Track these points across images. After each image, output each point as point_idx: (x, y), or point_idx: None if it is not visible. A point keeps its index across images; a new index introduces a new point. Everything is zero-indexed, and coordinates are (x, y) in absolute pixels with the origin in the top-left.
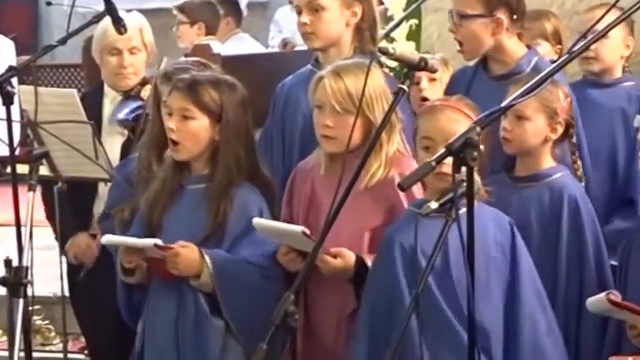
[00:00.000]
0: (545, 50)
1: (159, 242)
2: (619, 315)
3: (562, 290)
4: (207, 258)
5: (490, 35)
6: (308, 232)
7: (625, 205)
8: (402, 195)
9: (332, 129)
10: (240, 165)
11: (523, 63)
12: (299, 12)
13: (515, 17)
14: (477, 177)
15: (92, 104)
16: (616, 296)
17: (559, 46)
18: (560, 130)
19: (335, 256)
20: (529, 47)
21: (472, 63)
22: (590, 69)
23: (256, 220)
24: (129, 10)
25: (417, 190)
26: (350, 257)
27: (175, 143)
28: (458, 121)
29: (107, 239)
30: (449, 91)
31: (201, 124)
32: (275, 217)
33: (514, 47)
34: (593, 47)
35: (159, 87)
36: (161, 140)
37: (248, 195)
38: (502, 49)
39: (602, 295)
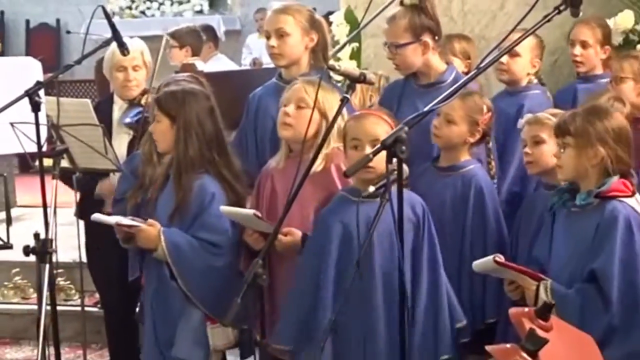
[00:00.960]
0: (457, 64)
1: (121, 221)
2: (502, 274)
3: (468, 255)
4: (162, 236)
5: (420, 56)
6: (259, 214)
7: (519, 193)
8: (337, 183)
9: (291, 118)
10: (192, 159)
11: (445, 75)
12: (268, 37)
13: (437, 38)
14: (405, 167)
15: (104, 110)
16: (501, 258)
17: (468, 61)
18: (478, 136)
19: (286, 234)
20: (448, 63)
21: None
22: (501, 78)
23: (222, 208)
24: (132, 37)
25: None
26: (298, 234)
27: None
28: (379, 124)
29: (95, 217)
30: (384, 98)
31: (164, 126)
32: (231, 203)
33: (437, 63)
34: (505, 62)
35: (162, 91)
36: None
37: (205, 185)
38: (429, 64)
39: (490, 257)
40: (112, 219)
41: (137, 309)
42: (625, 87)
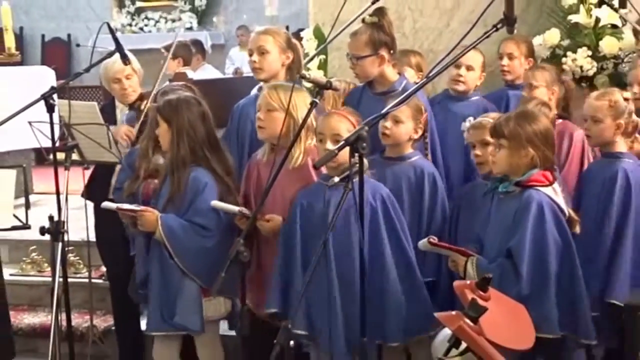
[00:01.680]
0: (410, 75)
1: (122, 206)
2: (439, 252)
3: (424, 235)
4: (159, 221)
5: (377, 67)
6: (245, 211)
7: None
8: (313, 175)
9: (262, 121)
10: (183, 157)
11: (396, 84)
12: (251, 54)
13: (392, 52)
14: (365, 160)
15: (109, 112)
16: (434, 239)
17: (420, 73)
18: (420, 132)
19: (268, 220)
20: (400, 74)
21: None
22: (458, 88)
23: (213, 202)
24: (131, 50)
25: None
26: (278, 219)
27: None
28: (341, 122)
29: (105, 205)
30: (346, 103)
31: (163, 129)
32: (222, 193)
33: (391, 73)
34: (463, 74)
35: (159, 99)
36: (156, 136)
37: (199, 176)
38: (383, 75)
39: (425, 239)
40: (113, 205)
41: (130, 284)
42: (538, 92)
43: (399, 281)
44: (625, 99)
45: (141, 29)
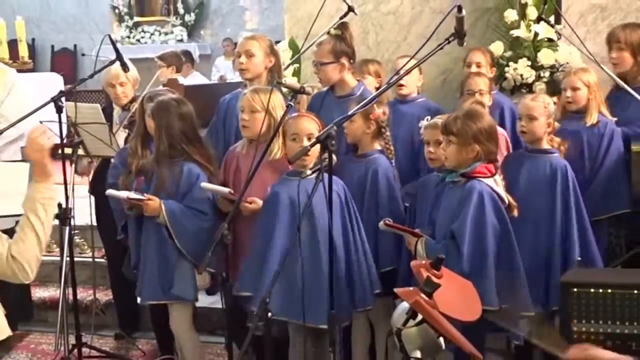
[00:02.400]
0: (370, 81)
1: (131, 195)
2: (397, 232)
3: (380, 217)
4: (163, 206)
5: (338, 73)
6: (232, 191)
7: (417, 174)
8: (290, 168)
9: (247, 121)
10: (163, 152)
11: (355, 89)
12: (239, 56)
13: (352, 61)
14: (334, 156)
15: (109, 113)
16: (389, 221)
17: (379, 78)
18: (373, 128)
19: (250, 203)
20: (359, 80)
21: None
22: (402, 92)
23: (203, 184)
24: (130, 59)
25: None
26: (259, 202)
27: None
28: (311, 123)
29: (110, 193)
30: (311, 105)
31: (151, 127)
32: (210, 181)
33: (350, 80)
34: (405, 81)
35: (145, 103)
36: (143, 135)
37: (192, 169)
38: (343, 80)
39: (382, 221)
40: (123, 194)
41: (124, 265)
42: (483, 98)
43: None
44: (554, 103)
45: (138, 40)
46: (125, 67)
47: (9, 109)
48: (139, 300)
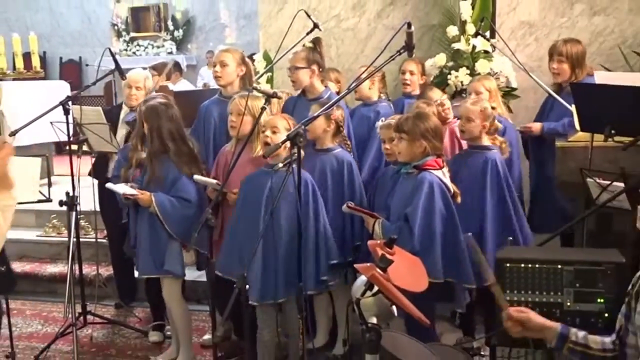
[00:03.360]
0: (332, 87)
1: (127, 191)
2: (357, 214)
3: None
4: (153, 199)
5: (309, 78)
6: (219, 182)
7: (377, 168)
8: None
9: (234, 122)
10: (154, 150)
11: (323, 94)
12: (214, 66)
13: (321, 69)
14: (302, 152)
15: (115, 113)
16: (351, 204)
17: (339, 84)
18: (332, 126)
19: (235, 193)
20: (325, 86)
21: (297, 92)
22: (359, 97)
23: (195, 177)
24: (133, 68)
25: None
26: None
27: None
28: (282, 121)
29: (109, 186)
30: (285, 106)
31: (145, 129)
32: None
33: (318, 85)
34: (365, 86)
35: (141, 105)
36: (142, 135)
37: (174, 165)
38: (313, 85)
39: (345, 204)
40: (120, 189)
41: (125, 244)
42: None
43: (321, 241)
44: (493, 108)
45: (134, 52)
46: (122, 76)
47: None
48: (136, 274)
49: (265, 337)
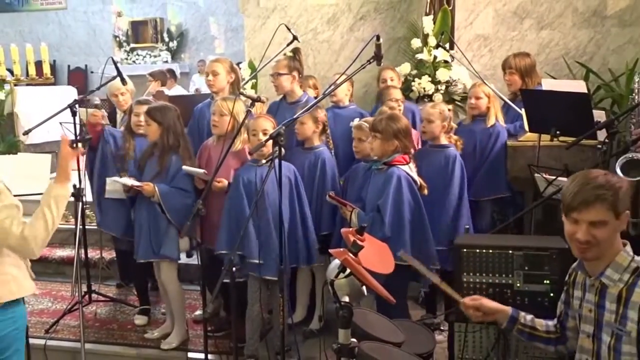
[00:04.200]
0: (311, 92)
1: (135, 183)
2: (335, 203)
3: (321, 198)
4: (156, 189)
5: (290, 84)
6: (206, 172)
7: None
8: (248, 156)
9: (216, 122)
10: (170, 145)
11: (302, 98)
12: (207, 75)
13: (300, 75)
14: (283, 149)
15: (114, 115)
16: (332, 193)
17: (316, 90)
18: (320, 127)
19: (219, 182)
20: (304, 91)
21: (278, 97)
22: (333, 100)
23: (184, 167)
24: (128, 75)
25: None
26: (225, 182)
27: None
28: (267, 122)
29: (115, 179)
30: (269, 109)
31: (153, 127)
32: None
33: (298, 90)
34: (340, 90)
35: (134, 105)
36: (130, 128)
37: (178, 158)
38: (293, 90)
39: (328, 194)
40: (127, 182)
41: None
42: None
43: (299, 227)
44: (449, 110)
45: (134, 61)
46: (124, 81)
47: None
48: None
49: (255, 313)
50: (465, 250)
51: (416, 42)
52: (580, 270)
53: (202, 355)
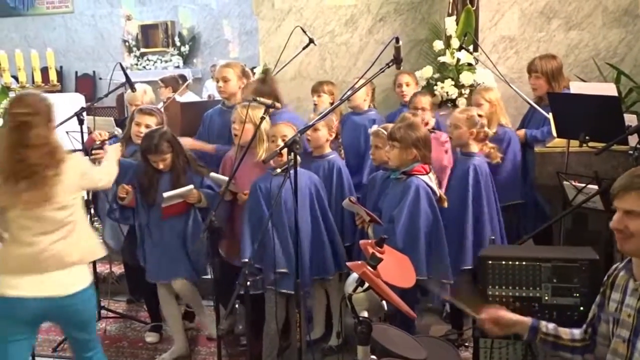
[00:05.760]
0: (325, 98)
1: (179, 191)
2: (354, 210)
3: (335, 206)
4: (202, 195)
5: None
6: (232, 180)
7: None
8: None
9: (236, 130)
10: (182, 165)
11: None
12: (218, 81)
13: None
14: (298, 157)
15: (123, 122)
16: (354, 199)
17: (332, 96)
18: (333, 135)
19: (245, 194)
20: (319, 96)
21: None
22: (351, 106)
23: (212, 174)
24: (139, 82)
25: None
26: None
27: None
28: (287, 128)
29: (165, 194)
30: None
31: (168, 159)
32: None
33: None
34: (357, 96)
35: (136, 114)
36: (129, 139)
37: (192, 174)
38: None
39: (347, 199)
40: (176, 193)
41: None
42: (424, 114)
43: (325, 236)
44: (480, 115)
45: (144, 67)
46: (133, 88)
47: None
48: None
49: (272, 329)
50: (490, 262)
51: (438, 44)
52: (625, 271)
53: None
